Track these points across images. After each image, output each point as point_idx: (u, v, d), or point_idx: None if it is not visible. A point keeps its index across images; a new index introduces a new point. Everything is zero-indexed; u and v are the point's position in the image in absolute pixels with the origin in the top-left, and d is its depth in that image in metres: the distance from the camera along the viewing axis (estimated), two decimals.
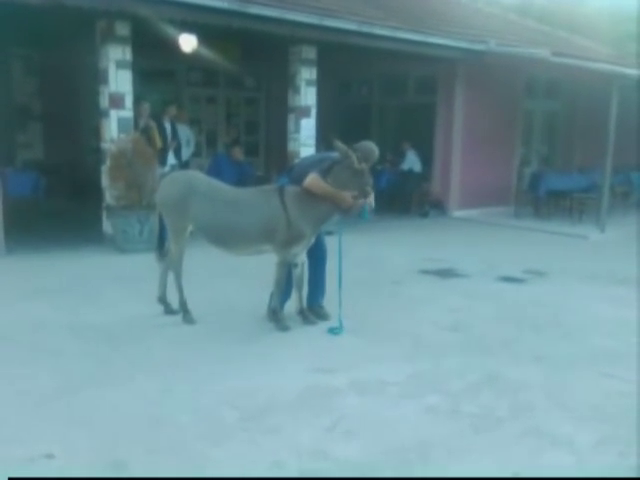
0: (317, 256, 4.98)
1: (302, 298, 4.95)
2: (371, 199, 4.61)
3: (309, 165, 4.79)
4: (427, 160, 11.34)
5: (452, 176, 11.16)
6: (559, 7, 19.65)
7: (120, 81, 7.41)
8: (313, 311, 5.01)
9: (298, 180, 4.65)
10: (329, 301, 5.06)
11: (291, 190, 4.61)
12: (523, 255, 7.92)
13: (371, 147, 4.73)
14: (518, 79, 11.65)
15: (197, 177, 4.95)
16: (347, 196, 4.55)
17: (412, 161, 11.18)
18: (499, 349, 4.50)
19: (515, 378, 3.98)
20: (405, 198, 11.28)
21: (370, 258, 7.47)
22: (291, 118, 9.21)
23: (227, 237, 4.73)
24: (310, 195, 4.55)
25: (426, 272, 6.79)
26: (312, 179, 4.55)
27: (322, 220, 4.67)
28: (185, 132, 9.53)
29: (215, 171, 8.86)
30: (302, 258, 4.85)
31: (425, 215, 11.02)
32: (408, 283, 6.34)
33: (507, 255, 7.90)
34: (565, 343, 4.68)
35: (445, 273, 6.78)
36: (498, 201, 11.53)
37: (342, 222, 4.86)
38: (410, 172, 11.18)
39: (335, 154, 4.62)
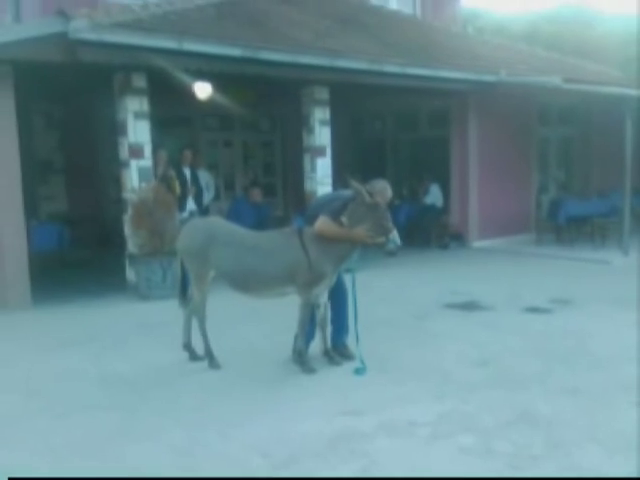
0: (338, 295, 4.98)
1: (327, 339, 4.93)
2: (394, 235, 4.56)
3: (321, 205, 4.84)
4: (444, 192, 11.36)
5: (470, 207, 11.14)
6: (567, 32, 19.77)
7: (139, 132, 7.58)
8: (338, 351, 4.99)
9: (311, 221, 4.69)
10: (354, 341, 5.05)
11: (310, 231, 4.64)
12: (547, 283, 7.84)
13: (383, 185, 4.78)
14: (531, 107, 11.70)
15: (217, 223, 5.02)
16: (359, 231, 4.52)
17: (435, 196, 11.20)
18: (529, 383, 4.43)
19: (547, 413, 3.91)
20: (425, 231, 11.26)
21: (393, 293, 7.44)
22: (307, 158, 9.30)
23: (249, 282, 4.76)
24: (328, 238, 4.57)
25: (450, 306, 6.75)
26: (321, 223, 4.57)
27: (342, 259, 4.67)
28: (204, 177, 9.68)
29: (234, 214, 8.97)
30: (324, 298, 4.85)
31: (445, 247, 10.99)
32: (433, 318, 6.30)
33: (531, 284, 7.82)
34: (595, 373, 4.60)
35: (469, 306, 6.73)
36: (518, 229, 11.47)
37: (360, 259, 4.84)
38: (432, 206, 11.19)
39: (349, 192, 4.66)
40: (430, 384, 4.44)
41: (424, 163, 11.96)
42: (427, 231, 11.24)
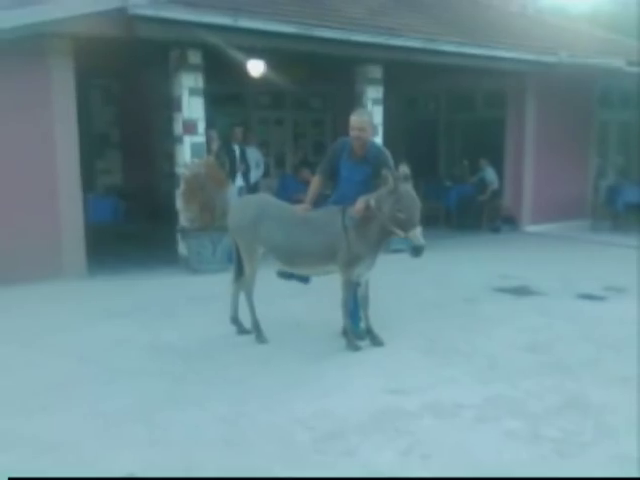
0: None
1: (368, 317, 4.89)
2: (415, 233, 4.28)
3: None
4: (498, 174, 11.13)
5: (524, 190, 10.88)
6: (628, 13, 18.93)
7: (193, 108, 7.65)
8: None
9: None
10: (403, 321, 5.02)
11: (352, 212, 4.59)
12: (602, 271, 7.61)
13: (355, 114, 4.86)
14: (591, 89, 11.31)
15: (267, 199, 5.08)
16: (301, 207, 4.79)
17: (491, 177, 10.98)
18: (580, 370, 4.33)
19: (598, 400, 3.81)
20: (476, 214, 11.05)
21: (442, 275, 7.35)
22: None
23: (295, 257, 4.80)
24: (366, 217, 4.51)
25: (500, 290, 6.63)
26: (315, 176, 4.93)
27: (379, 242, 4.59)
28: (254, 154, 9.71)
29: (283, 191, 9.00)
30: (366, 277, 4.82)
31: (497, 230, 10.78)
32: (482, 301, 6.20)
33: (585, 271, 7.60)
34: None
35: (520, 291, 6.59)
36: (573, 215, 11.16)
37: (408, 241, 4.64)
38: (484, 185, 10.96)
39: None
40: (477, 368, 4.39)
41: (477, 145, 11.73)
42: (479, 214, 11.04)
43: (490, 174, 10.97)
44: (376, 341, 4.84)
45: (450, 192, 11.17)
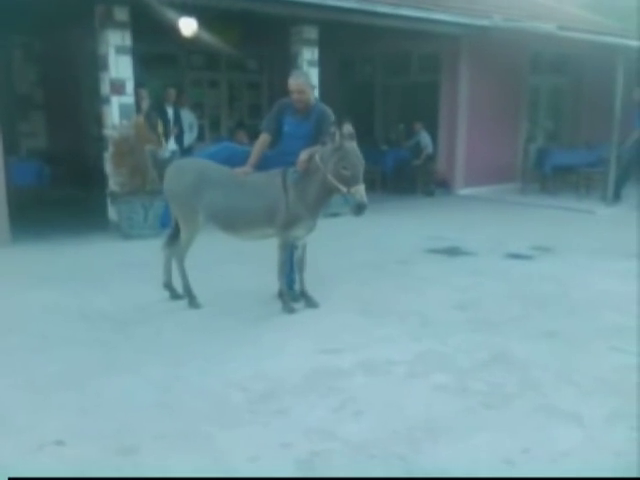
0: None
1: (303, 280, 4.91)
2: (358, 189, 4.23)
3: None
4: (432, 138, 11.27)
5: (457, 154, 11.08)
6: None
7: (120, 67, 7.35)
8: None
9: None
10: (338, 283, 5.05)
11: (293, 172, 4.57)
12: (530, 231, 7.88)
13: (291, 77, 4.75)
14: (523, 54, 11.53)
15: (206, 164, 4.89)
16: (239, 170, 4.66)
17: (426, 141, 11.09)
18: (507, 326, 4.49)
19: (524, 355, 3.96)
20: (411, 178, 11.20)
21: (377, 238, 7.44)
22: None
23: (236, 222, 4.72)
24: (306, 178, 4.50)
25: (433, 251, 6.77)
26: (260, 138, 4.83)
27: (318, 203, 4.58)
28: (188, 117, 9.48)
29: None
30: (304, 241, 4.82)
31: (430, 194, 10.97)
32: (415, 262, 6.32)
33: (514, 232, 7.86)
34: (573, 319, 4.66)
35: (452, 251, 6.76)
36: (504, 178, 11.46)
37: (345, 204, 4.68)
38: (419, 150, 11.08)
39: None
40: (409, 326, 4.48)
41: (413, 109, 11.82)
42: (413, 178, 11.19)
43: (425, 138, 11.09)
44: (311, 303, 4.87)
45: (386, 156, 11.25)
